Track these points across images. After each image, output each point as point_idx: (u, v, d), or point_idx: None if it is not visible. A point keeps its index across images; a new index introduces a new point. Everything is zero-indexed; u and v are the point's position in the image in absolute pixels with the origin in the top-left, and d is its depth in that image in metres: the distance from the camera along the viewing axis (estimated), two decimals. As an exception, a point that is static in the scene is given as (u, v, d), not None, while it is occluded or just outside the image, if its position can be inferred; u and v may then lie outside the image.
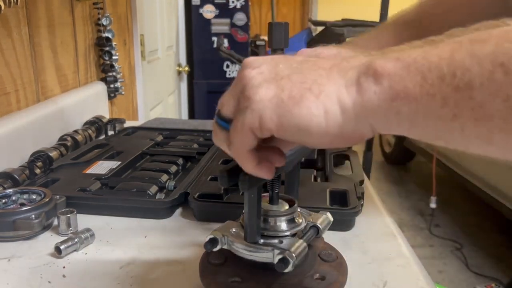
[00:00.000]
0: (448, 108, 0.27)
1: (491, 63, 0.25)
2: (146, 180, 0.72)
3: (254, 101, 0.33)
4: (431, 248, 2.58)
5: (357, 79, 0.31)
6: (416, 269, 0.53)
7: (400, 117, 0.30)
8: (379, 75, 0.30)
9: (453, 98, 0.27)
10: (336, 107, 0.31)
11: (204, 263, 0.47)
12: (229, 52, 1.23)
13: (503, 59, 0.25)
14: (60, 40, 1.02)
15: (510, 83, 0.25)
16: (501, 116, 0.25)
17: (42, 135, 0.89)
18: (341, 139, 0.33)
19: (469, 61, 0.26)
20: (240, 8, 2.67)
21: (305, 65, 0.34)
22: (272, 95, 0.32)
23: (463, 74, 0.26)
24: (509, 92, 0.25)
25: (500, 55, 0.25)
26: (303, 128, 0.32)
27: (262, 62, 0.35)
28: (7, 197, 0.63)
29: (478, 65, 0.26)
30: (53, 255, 0.55)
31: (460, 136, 0.28)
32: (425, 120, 0.29)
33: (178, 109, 2.64)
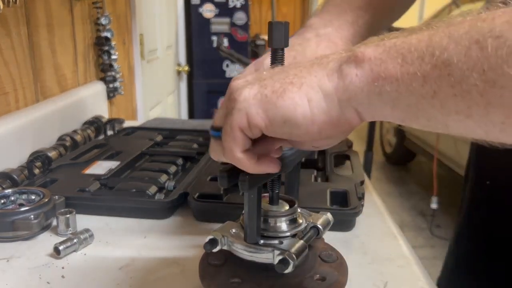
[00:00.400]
0: (428, 85, 0.28)
1: (467, 40, 0.27)
2: (146, 181, 0.72)
3: (239, 101, 0.34)
4: (432, 248, 2.58)
5: (338, 67, 0.33)
6: (416, 269, 0.53)
7: (383, 98, 0.31)
8: (360, 60, 0.32)
9: (432, 76, 0.28)
10: (319, 94, 0.33)
11: (203, 264, 0.47)
12: (229, 52, 1.23)
13: (478, 36, 0.26)
14: (59, 39, 1.02)
15: (485, 57, 0.26)
16: (478, 90, 0.26)
17: (41, 135, 0.89)
18: (329, 126, 0.34)
19: (446, 41, 0.28)
20: (240, 7, 2.67)
21: (287, 67, 0.36)
22: (255, 92, 0.34)
23: (441, 52, 0.28)
24: (484, 67, 0.26)
25: (475, 33, 0.27)
26: (289, 118, 0.33)
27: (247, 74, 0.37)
28: (6, 197, 0.63)
29: (455, 43, 0.27)
30: (52, 255, 0.55)
31: (440, 112, 0.29)
32: (407, 99, 0.30)
33: (178, 109, 2.64)
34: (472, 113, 0.28)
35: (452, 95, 0.28)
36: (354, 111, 0.33)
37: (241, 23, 2.69)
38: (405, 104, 0.30)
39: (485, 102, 0.26)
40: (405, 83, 0.30)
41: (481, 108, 0.27)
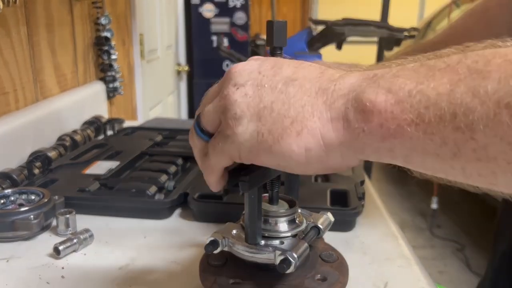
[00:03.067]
0: (447, 147, 0.25)
1: (496, 104, 0.23)
2: (145, 181, 0.71)
3: (236, 133, 0.32)
4: (432, 248, 2.58)
5: (344, 113, 0.29)
6: (417, 269, 0.53)
7: (394, 154, 0.28)
8: (369, 112, 0.28)
9: (452, 138, 0.25)
10: (319, 144, 0.30)
11: (204, 265, 0.46)
12: (229, 52, 1.23)
13: (509, 99, 0.23)
14: (59, 39, 1.02)
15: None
16: (505, 158, 0.24)
17: (40, 135, 0.89)
18: (326, 170, 0.32)
19: (471, 99, 0.24)
20: (240, 7, 2.67)
21: (291, 89, 0.32)
22: (253, 129, 0.32)
23: (464, 114, 0.24)
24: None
25: (506, 96, 0.23)
26: (282, 163, 0.32)
27: (247, 80, 0.33)
28: (5, 197, 0.63)
29: (481, 105, 0.24)
30: (52, 255, 0.55)
31: (461, 174, 0.26)
32: (422, 157, 0.27)
33: (178, 109, 2.64)
34: (497, 179, 0.25)
35: (475, 159, 0.25)
36: (358, 159, 0.31)
37: (241, 23, 2.69)
38: (420, 161, 0.28)
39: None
40: (420, 143, 0.26)
41: (508, 175, 0.24)
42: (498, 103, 0.23)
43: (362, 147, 0.29)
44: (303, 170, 0.32)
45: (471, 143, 0.24)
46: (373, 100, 0.28)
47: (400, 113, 0.27)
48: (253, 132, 0.32)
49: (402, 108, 0.27)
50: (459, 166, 0.26)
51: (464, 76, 0.25)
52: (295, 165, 0.32)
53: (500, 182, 0.25)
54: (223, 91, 0.34)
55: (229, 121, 0.33)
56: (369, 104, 0.28)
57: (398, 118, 0.27)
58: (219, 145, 0.34)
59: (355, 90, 0.29)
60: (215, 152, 0.35)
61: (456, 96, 0.25)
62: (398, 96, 0.27)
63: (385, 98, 0.27)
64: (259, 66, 0.34)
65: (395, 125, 0.27)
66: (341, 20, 1.01)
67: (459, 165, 0.26)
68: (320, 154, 0.31)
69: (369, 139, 0.29)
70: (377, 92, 0.28)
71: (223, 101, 0.33)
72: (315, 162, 0.31)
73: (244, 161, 0.34)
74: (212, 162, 0.36)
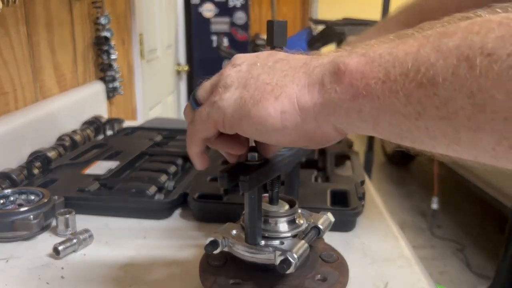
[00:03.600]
0: (412, 106, 0.26)
1: (456, 57, 0.24)
2: (145, 181, 0.71)
3: (222, 99, 0.35)
4: (432, 249, 2.57)
5: (321, 78, 0.31)
6: (417, 270, 0.53)
7: (363, 115, 0.29)
8: (341, 73, 0.30)
9: (416, 95, 0.26)
10: (295, 107, 0.32)
11: (204, 265, 0.46)
12: (228, 51, 1.23)
13: (468, 52, 0.24)
14: (58, 39, 1.02)
15: (474, 78, 0.23)
16: (465, 114, 0.24)
17: (40, 135, 0.89)
18: (303, 138, 0.33)
19: (434, 55, 0.25)
20: (240, 7, 2.67)
21: (278, 65, 0.35)
22: (237, 95, 0.34)
23: (427, 69, 0.25)
24: (473, 89, 0.23)
25: (465, 49, 0.24)
26: (259, 127, 0.33)
27: (244, 61, 0.36)
28: (5, 197, 0.63)
29: (443, 59, 0.25)
30: (52, 256, 0.55)
31: (425, 135, 0.27)
32: (389, 118, 0.28)
33: (178, 109, 2.63)
34: (460, 137, 0.25)
35: (438, 117, 0.25)
36: (332, 126, 0.32)
37: (241, 22, 2.69)
38: (387, 123, 0.28)
39: (474, 127, 0.24)
40: (386, 102, 0.27)
41: (470, 132, 0.24)
42: (457, 56, 0.24)
43: (334, 108, 0.31)
44: (279, 136, 0.33)
45: (434, 99, 0.25)
46: (346, 62, 0.30)
47: (369, 72, 0.28)
48: (237, 98, 0.34)
49: (371, 68, 0.28)
50: (424, 125, 0.26)
51: (433, 39, 0.26)
52: (271, 129, 0.33)
53: (464, 143, 0.25)
54: (222, 71, 0.37)
55: (219, 88, 0.35)
56: (342, 66, 0.30)
57: (367, 77, 0.28)
58: (205, 111, 0.36)
59: (334, 59, 0.31)
60: (201, 118, 0.36)
61: (422, 54, 0.26)
62: (369, 58, 0.29)
63: (357, 60, 0.29)
64: (258, 54, 0.37)
65: (363, 84, 0.28)
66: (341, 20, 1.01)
67: (424, 125, 0.26)
68: (295, 118, 0.32)
69: (340, 99, 0.30)
70: (352, 57, 0.30)
71: (220, 75, 0.37)
72: (290, 126, 0.32)
73: (227, 129, 0.35)
74: (197, 128, 0.37)
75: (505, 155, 0.24)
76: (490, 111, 0.23)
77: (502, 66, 0.22)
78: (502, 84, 0.22)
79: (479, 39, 0.24)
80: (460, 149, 0.26)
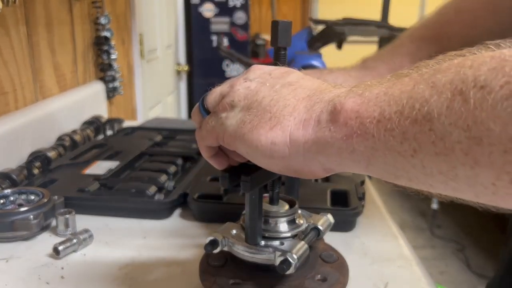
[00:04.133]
0: (408, 143, 0.26)
1: (450, 91, 0.24)
2: (145, 181, 0.71)
3: (227, 117, 0.36)
4: (432, 249, 2.57)
5: (318, 115, 0.32)
6: (417, 270, 0.53)
7: (356, 156, 0.29)
8: (337, 112, 0.30)
9: (412, 132, 0.25)
10: (285, 140, 0.32)
11: (204, 265, 0.46)
12: (229, 51, 1.23)
13: (462, 86, 0.23)
14: (58, 39, 1.01)
15: (469, 111, 0.23)
16: (462, 149, 0.23)
17: (40, 135, 0.89)
18: (288, 170, 0.34)
19: (429, 92, 0.25)
20: (240, 6, 2.66)
21: (284, 90, 0.35)
22: (240, 117, 0.35)
23: (421, 105, 0.25)
24: (468, 122, 0.23)
25: (459, 82, 0.24)
26: (250, 151, 0.34)
27: (257, 77, 0.37)
28: (5, 197, 0.63)
29: (437, 95, 0.25)
30: (52, 256, 0.55)
31: (422, 173, 0.26)
32: (384, 157, 0.28)
33: (178, 109, 2.63)
34: (457, 174, 0.24)
35: (434, 153, 0.25)
36: (320, 165, 0.32)
37: (241, 22, 2.69)
38: (382, 162, 0.28)
39: (472, 162, 0.23)
40: (381, 140, 0.27)
41: (467, 168, 0.24)
42: (452, 90, 0.24)
43: (325, 147, 0.30)
44: (267, 163, 0.34)
45: (429, 135, 0.25)
46: (342, 102, 0.30)
47: (365, 112, 0.28)
48: (238, 119, 0.35)
49: (366, 107, 0.28)
50: (420, 163, 0.26)
51: (428, 76, 0.26)
52: (260, 156, 0.34)
53: (461, 179, 0.25)
54: (235, 81, 0.38)
55: (226, 105, 0.37)
56: (338, 105, 0.30)
57: (362, 116, 0.28)
58: (211, 123, 0.38)
59: (333, 98, 0.31)
60: (207, 128, 0.38)
61: (416, 91, 0.26)
62: (365, 98, 0.29)
63: (354, 100, 0.29)
64: (273, 70, 0.38)
65: (358, 123, 0.28)
66: (341, 19, 1.01)
67: (420, 162, 0.26)
68: (284, 150, 0.32)
69: (333, 138, 0.30)
70: (349, 96, 0.30)
71: (230, 88, 0.37)
72: (277, 157, 0.33)
73: (225, 144, 0.37)
74: (203, 136, 0.39)
75: (506, 190, 0.23)
76: (488, 143, 0.22)
77: (496, 98, 0.22)
78: (497, 115, 0.22)
79: (471, 72, 0.24)
80: (458, 186, 0.25)
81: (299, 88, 0.35)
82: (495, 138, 0.22)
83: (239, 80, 0.38)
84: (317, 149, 0.31)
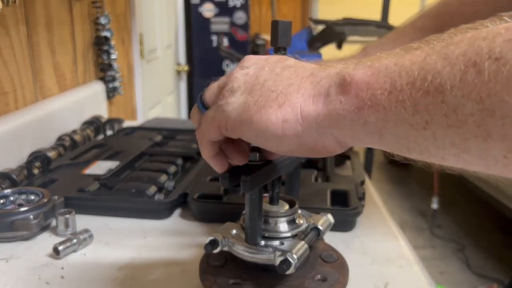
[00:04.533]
0: (419, 115, 0.26)
1: (463, 63, 0.24)
2: (145, 181, 0.71)
3: (228, 102, 0.35)
4: (432, 249, 2.57)
5: (327, 89, 0.31)
6: (417, 270, 0.53)
7: (368, 128, 0.29)
8: (347, 84, 0.29)
9: (424, 104, 0.25)
10: (297, 117, 0.31)
11: (204, 265, 0.46)
12: (228, 51, 1.23)
13: (475, 57, 0.23)
14: (58, 39, 1.01)
15: (483, 83, 0.23)
16: (474, 121, 0.23)
17: (40, 135, 0.89)
18: (302, 148, 0.33)
19: (441, 63, 0.25)
20: (240, 6, 2.66)
21: (286, 72, 0.34)
22: (242, 100, 0.34)
23: (434, 77, 0.25)
24: (482, 94, 0.23)
25: (473, 54, 0.23)
26: (260, 133, 0.33)
27: (253, 64, 0.36)
28: (5, 197, 0.63)
29: (450, 66, 0.24)
30: (52, 256, 0.55)
31: (433, 145, 0.26)
32: (395, 129, 0.27)
33: (178, 109, 2.63)
34: (469, 146, 0.24)
35: (446, 126, 0.25)
36: (333, 137, 0.32)
37: (241, 22, 2.69)
38: (393, 135, 0.28)
39: (484, 134, 0.23)
40: (393, 112, 0.27)
41: (480, 140, 0.24)
42: (465, 62, 0.24)
43: (337, 119, 0.30)
44: (278, 144, 0.33)
45: (442, 107, 0.24)
46: (352, 73, 0.30)
47: (375, 83, 0.28)
48: (241, 103, 0.34)
49: (377, 78, 0.28)
50: (432, 135, 0.26)
51: (440, 48, 0.26)
52: (271, 137, 0.32)
53: (473, 151, 0.24)
54: (231, 72, 0.37)
55: (225, 92, 0.35)
56: (348, 77, 0.30)
57: (373, 88, 0.28)
58: (211, 114, 0.36)
59: (340, 71, 0.31)
60: (207, 121, 0.37)
61: (428, 62, 0.26)
62: (375, 69, 0.29)
63: (363, 71, 0.29)
64: (268, 57, 0.37)
65: (369, 94, 0.28)
66: (341, 19, 1.01)
67: (432, 135, 0.26)
68: (296, 127, 0.31)
69: (345, 110, 0.29)
70: (358, 69, 0.30)
71: (227, 78, 0.37)
72: (290, 135, 0.32)
73: (229, 133, 0.35)
74: (204, 131, 0.37)
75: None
76: (500, 116, 0.22)
77: (511, 69, 0.22)
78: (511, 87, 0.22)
79: (486, 44, 0.23)
80: (470, 158, 0.25)
81: (300, 68, 0.34)
82: (508, 109, 0.22)
83: (235, 69, 0.37)
84: (330, 122, 0.30)
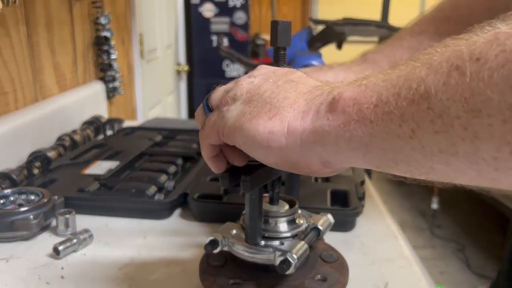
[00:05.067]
0: (406, 124, 0.26)
1: (446, 68, 0.24)
2: (145, 181, 0.71)
3: (228, 110, 0.36)
4: (432, 249, 2.57)
5: (317, 107, 0.32)
6: (417, 270, 0.53)
7: (353, 143, 0.29)
8: (335, 102, 0.30)
9: (410, 113, 0.25)
10: (283, 130, 0.32)
11: (204, 265, 0.46)
12: (228, 51, 1.23)
13: (457, 61, 0.24)
14: (58, 39, 1.02)
15: (466, 84, 0.23)
16: (461, 124, 0.23)
17: (40, 135, 0.89)
18: (285, 162, 0.34)
19: (425, 71, 0.25)
20: (240, 7, 2.67)
21: (286, 85, 0.35)
22: (240, 109, 0.35)
23: (418, 85, 0.25)
24: (466, 94, 0.23)
25: (455, 59, 0.24)
26: (248, 141, 0.34)
27: (261, 73, 0.38)
28: (5, 197, 0.63)
29: (433, 73, 0.25)
30: (52, 256, 0.55)
31: (421, 154, 0.26)
32: (382, 143, 0.27)
33: (178, 109, 2.63)
34: (458, 150, 0.24)
35: (433, 132, 0.24)
36: (318, 157, 0.32)
37: (241, 22, 2.69)
38: (380, 148, 0.28)
39: (471, 136, 0.23)
40: (379, 125, 0.27)
41: (467, 143, 0.23)
42: (448, 67, 0.24)
43: (322, 135, 0.31)
44: (264, 155, 0.34)
45: (428, 113, 0.24)
46: (341, 92, 0.30)
47: (362, 98, 0.29)
48: (239, 111, 0.35)
49: (364, 94, 0.29)
50: (419, 144, 0.26)
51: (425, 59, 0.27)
52: (257, 147, 0.33)
53: (462, 156, 0.24)
54: (240, 78, 0.38)
55: (228, 98, 0.37)
56: (337, 95, 0.30)
57: (359, 103, 0.29)
58: (213, 119, 0.37)
59: (332, 91, 0.32)
60: (209, 124, 0.38)
61: (413, 73, 0.26)
62: (363, 86, 0.29)
63: (352, 89, 0.30)
64: (277, 69, 0.38)
65: (356, 109, 0.29)
66: (341, 19, 1.01)
67: (419, 143, 0.26)
68: (281, 140, 0.32)
69: (330, 126, 0.30)
70: (348, 88, 0.31)
71: (234, 84, 0.38)
72: (274, 147, 0.33)
73: (225, 139, 0.36)
74: (205, 134, 0.38)
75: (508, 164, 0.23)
76: (486, 115, 0.22)
77: (492, 67, 0.22)
78: (494, 84, 0.22)
79: (466, 47, 0.24)
80: (460, 164, 0.25)
81: (301, 84, 0.35)
82: (494, 108, 0.22)
83: (244, 76, 0.38)
84: (315, 138, 0.31)
